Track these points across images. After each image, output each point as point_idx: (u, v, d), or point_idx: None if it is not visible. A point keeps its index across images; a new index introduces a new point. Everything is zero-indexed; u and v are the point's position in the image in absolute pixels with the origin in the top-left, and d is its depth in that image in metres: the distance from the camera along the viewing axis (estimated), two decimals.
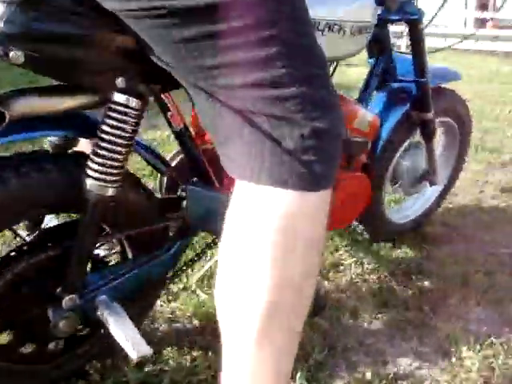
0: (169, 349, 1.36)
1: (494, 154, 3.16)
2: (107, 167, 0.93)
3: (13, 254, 1.05)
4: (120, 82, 0.87)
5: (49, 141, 1.16)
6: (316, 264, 0.82)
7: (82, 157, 0.99)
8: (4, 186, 0.92)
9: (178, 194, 1.17)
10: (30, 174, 0.94)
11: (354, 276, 1.71)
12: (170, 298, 1.57)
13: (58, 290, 1.05)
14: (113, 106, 0.90)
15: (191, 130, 1.17)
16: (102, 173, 0.93)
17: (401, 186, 1.84)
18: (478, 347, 1.41)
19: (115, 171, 0.94)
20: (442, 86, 1.83)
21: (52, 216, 1.28)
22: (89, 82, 0.87)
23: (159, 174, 1.35)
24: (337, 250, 1.86)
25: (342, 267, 1.76)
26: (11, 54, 0.75)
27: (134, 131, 0.94)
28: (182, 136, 1.14)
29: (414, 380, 1.31)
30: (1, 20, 0.72)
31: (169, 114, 1.10)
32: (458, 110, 1.93)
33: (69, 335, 1.08)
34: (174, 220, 1.18)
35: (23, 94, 0.87)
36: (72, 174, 0.97)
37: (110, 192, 0.95)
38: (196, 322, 1.47)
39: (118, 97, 0.89)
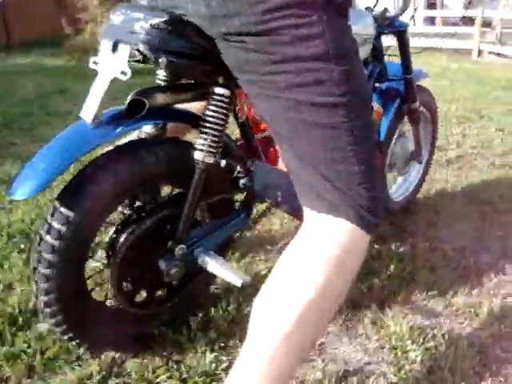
0: (131, 362, 1.41)
1: (441, 152, 3.30)
2: (211, 141, 1.28)
3: (134, 216, 1.35)
4: (220, 79, 1.25)
5: (144, 131, 1.41)
6: (347, 288, 1.05)
7: (181, 141, 1.37)
8: (139, 163, 1.25)
9: (245, 169, 1.48)
10: (156, 153, 1.28)
11: None
12: None
13: (170, 244, 1.35)
14: (215, 97, 1.27)
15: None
16: (207, 146, 1.28)
17: (396, 168, 2.23)
18: (422, 340, 1.51)
19: (216, 144, 1.29)
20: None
21: None
22: (203, 78, 1.26)
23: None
24: None
25: None
26: (160, 60, 1.08)
27: (227, 114, 1.29)
28: (244, 125, 1.53)
29: (362, 375, 1.40)
30: (155, 38, 1.07)
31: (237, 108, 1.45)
32: (429, 102, 2.36)
33: (175, 282, 1.40)
34: (242, 190, 1.53)
35: (156, 90, 1.24)
36: (182, 152, 1.32)
37: (212, 160, 1.29)
38: (156, 334, 1.53)
39: (219, 90, 1.26)
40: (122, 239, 1.30)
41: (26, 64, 7.36)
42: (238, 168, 1.46)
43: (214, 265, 1.38)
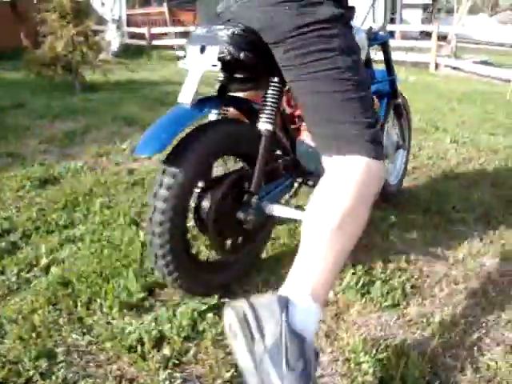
0: (83, 382, 1.40)
1: None
2: (271, 114, 1.75)
3: (220, 179, 1.76)
4: (277, 72, 1.55)
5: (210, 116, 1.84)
6: (368, 212, 1.42)
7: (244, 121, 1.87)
8: (222, 136, 1.72)
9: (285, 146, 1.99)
10: (233, 129, 1.78)
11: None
12: (85, 330, 1.60)
13: (246, 197, 1.76)
14: (273, 84, 1.75)
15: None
16: (268, 118, 1.75)
17: (387, 156, 2.59)
18: (375, 351, 1.53)
19: (274, 117, 1.76)
20: None
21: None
22: (265, 70, 1.68)
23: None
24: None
25: (248, 287, 1.86)
26: (241, 54, 1.55)
27: (281, 97, 1.78)
28: (283, 114, 1.97)
29: None
30: (237, 41, 1.53)
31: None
32: (404, 103, 2.82)
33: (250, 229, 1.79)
34: (288, 161, 1.99)
35: (234, 80, 1.73)
36: (248, 127, 1.82)
37: (272, 128, 1.75)
38: (110, 353, 1.51)
39: (276, 79, 1.74)
40: (209, 198, 1.69)
41: None
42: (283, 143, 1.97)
43: (279, 209, 1.83)
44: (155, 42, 14.08)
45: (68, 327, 1.62)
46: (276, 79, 1.74)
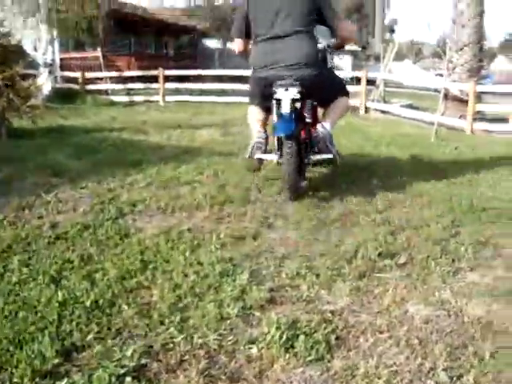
0: None
1: (323, 210, 3.40)
2: (310, 115, 4.15)
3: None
4: (308, 97, 4.12)
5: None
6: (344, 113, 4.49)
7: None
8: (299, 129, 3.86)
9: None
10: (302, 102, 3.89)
11: (183, 353, 1.76)
12: None
13: (308, 152, 3.99)
14: (309, 103, 4.08)
15: None
16: (309, 116, 4.13)
17: None
18: None
19: (311, 116, 4.17)
20: None
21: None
22: (308, 97, 3.94)
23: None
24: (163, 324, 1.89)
25: (171, 345, 1.80)
26: (304, 90, 3.63)
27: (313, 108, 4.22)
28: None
29: None
30: (302, 86, 3.62)
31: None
32: None
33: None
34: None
35: (299, 102, 3.85)
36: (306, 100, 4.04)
37: (311, 120, 4.15)
38: None
39: (311, 100, 4.12)
40: (301, 150, 3.78)
41: None
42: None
43: (317, 156, 3.91)
44: (89, 87, 13.97)
45: None
46: (310, 100, 3.89)
